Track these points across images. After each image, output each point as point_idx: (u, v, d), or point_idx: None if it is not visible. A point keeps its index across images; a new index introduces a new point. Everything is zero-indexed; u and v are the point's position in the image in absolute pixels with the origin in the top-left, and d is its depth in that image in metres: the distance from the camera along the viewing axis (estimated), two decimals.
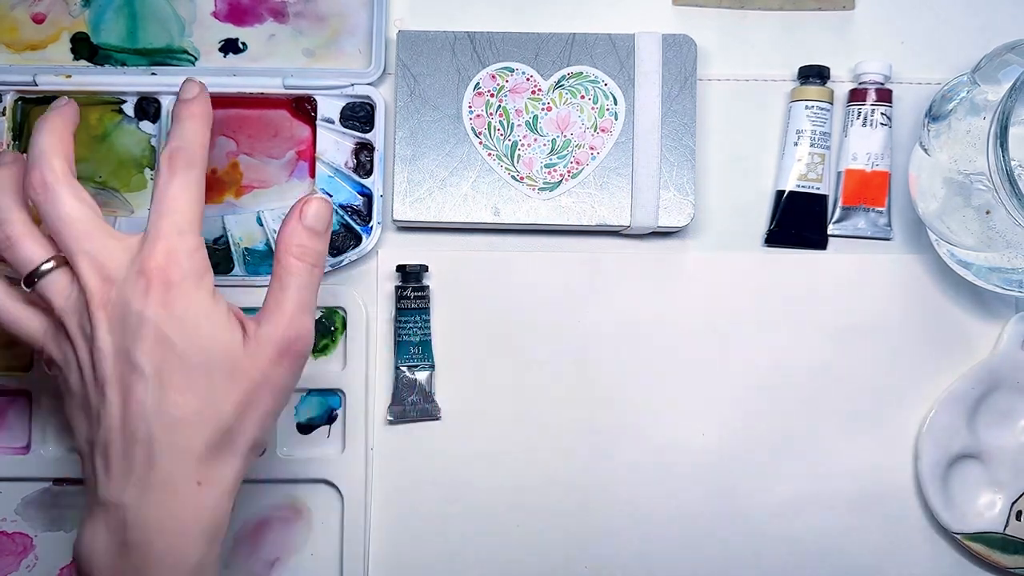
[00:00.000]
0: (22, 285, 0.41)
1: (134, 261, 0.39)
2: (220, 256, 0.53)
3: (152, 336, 0.38)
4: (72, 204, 0.40)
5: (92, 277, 0.39)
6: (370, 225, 0.53)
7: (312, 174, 0.54)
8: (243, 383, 0.39)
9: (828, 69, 0.54)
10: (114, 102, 0.54)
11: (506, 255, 0.55)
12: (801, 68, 0.54)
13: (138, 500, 0.38)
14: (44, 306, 0.42)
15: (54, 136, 0.41)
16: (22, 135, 0.54)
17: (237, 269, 0.53)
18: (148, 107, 0.54)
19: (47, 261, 0.41)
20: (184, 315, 0.39)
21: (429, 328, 0.54)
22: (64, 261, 0.41)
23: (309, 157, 0.54)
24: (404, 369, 0.53)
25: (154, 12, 0.54)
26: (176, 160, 0.41)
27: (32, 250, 0.41)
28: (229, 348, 0.39)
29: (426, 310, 0.53)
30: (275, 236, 0.53)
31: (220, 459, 0.39)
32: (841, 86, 0.55)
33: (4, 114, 0.53)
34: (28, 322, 0.42)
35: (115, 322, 0.39)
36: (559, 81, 0.53)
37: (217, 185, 0.54)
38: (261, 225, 0.53)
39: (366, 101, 0.54)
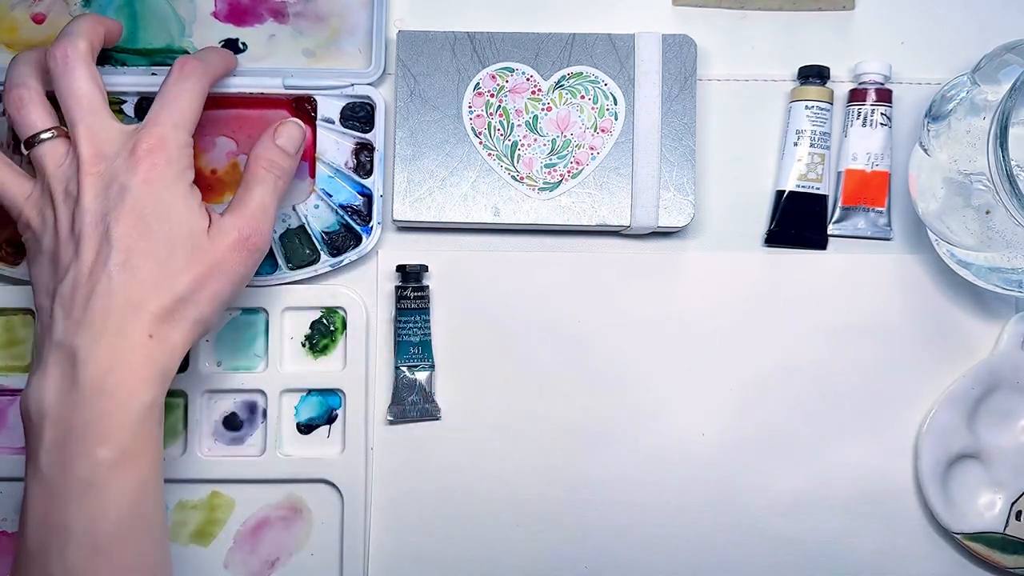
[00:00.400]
0: (22, 146, 0.45)
1: (128, 141, 0.44)
2: None
3: (129, 206, 0.42)
4: (85, 81, 0.44)
5: (87, 148, 0.43)
6: (370, 225, 0.53)
7: (312, 174, 0.54)
8: (201, 262, 0.44)
9: (828, 69, 0.54)
10: (114, 102, 0.54)
11: (506, 255, 0.55)
12: (801, 68, 0.54)
13: (93, 342, 0.41)
14: (33, 171, 0.45)
15: (88, 24, 0.46)
16: None
17: None
18: (148, 107, 0.54)
19: (49, 130, 0.45)
20: (161, 195, 0.43)
21: (429, 328, 0.54)
22: (64, 134, 0.45)
23: (309, 157, 0.54)
24: (404, 369, 0.53)
25: (154, 12, 0.54)
26: (188, 67, 0.46)
27: (39, 116, 0.45)
28: (194, 230, 0.44)
29: (426, 310, 0.53)
30: (275, 236, 0.53)
31: (171, 322, 0.43)
32: (841, 86, 0.55)
33: (4, 114, 0.53)
34: (12, 186, 0.45)
35: (100, 189, 0.43)
36: (559, 81, 0.53)
37: (217, 185, 0.54)
38: None
39: (366, 101, 0.54)
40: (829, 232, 0.55)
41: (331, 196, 0.53)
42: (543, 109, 0.53)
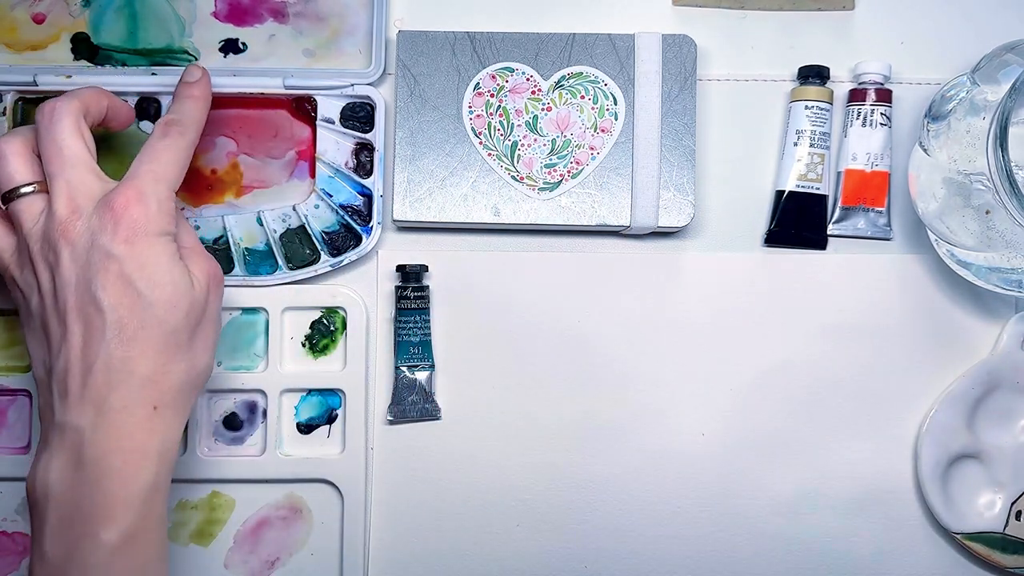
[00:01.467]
0: (0, 200, 0.43)
1: (106, 196, 0.41)
2: (220, 256, 0.53)
3: (114, 272, 0.40)
4: (68, 133, 0.42)
5: (63, 204, 0.41)
6: (370, 225, 0.53)
7: (312, 174, 0.54)
8: (193, 318, 0.42)
9: (828, 69, 0.54)
10: None
11: (506, 255, 0.55)
12: (801, 68, 0.54)
13: (95, 422, 0.40)
14: (14, 227, 0.43)
15: (89, 91, 0.45)
16: None
17: (237, 269, 0.53)
18: (148, 107, 0.54)
19: (29, 184, 0.42)
20: (146, 256, 0.41)
21: (429, 328, 0.54)
22: (45, 189, 0.42)
23: (309, 157, 0.54)
24: (404, 369, 0.53)
25: (154, 12, 0.54)
26: (169, 127, 0.44)
27: (18, 169, 0.42)
28: (180, 286, 0.42)
29: (426, 310, 0.53)
30: (275, 236, 0.53)
31: (174, 388, 0.41)
32: (841, 86, 0.55)
33: (4, 114, 0.53)
34: None
35: (79, 253, 0.40)
36: (559, 81, 0.53)
37: (217, 185, 0.54)
38: (261, 225, 0.53)
39: (366, 101, 0.54)
40: (829, 232, 0.55)
41: (331, 196, 0.53)
42: (543, 109, 0.53)
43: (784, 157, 0.54)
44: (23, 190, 0.42)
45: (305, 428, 0.54)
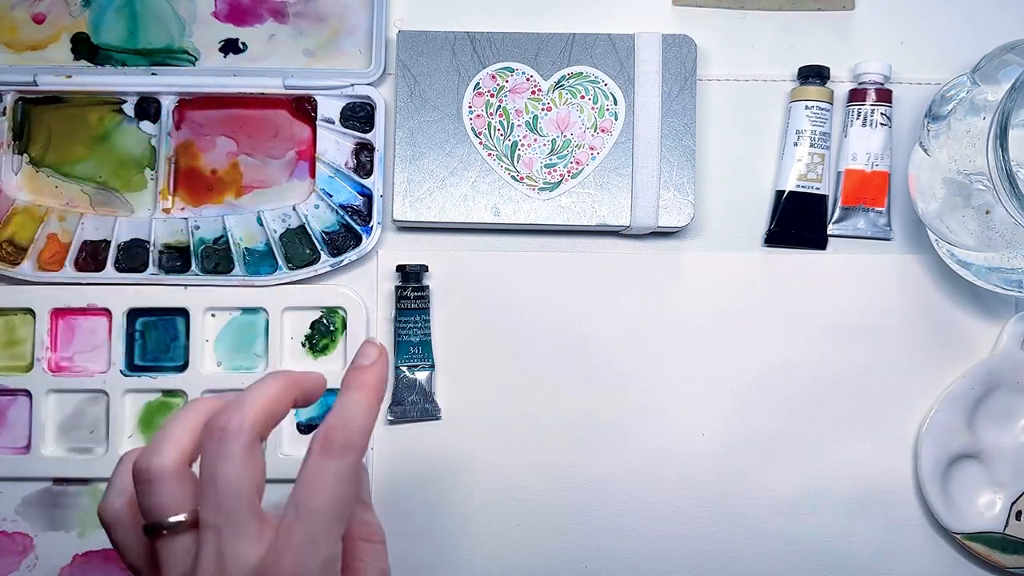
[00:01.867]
0: (143, 529, 0.34)
1: (259, 565, 0.33)
2: (220, 256, 0.53)
3: None
4: (237, 469, 0.34)
5: (210, 562, 0.33)
6: (370, 225, 0.53)
7: (312, 174, 0.54)
8: None
9: (828, 69, 0.54)
10: (114, 102, 0.54)
11: (506, 255, 0.55)
12: (801, 68, 0.54)
13: None
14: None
15: (274, 390, 0.35)
16: (22, 135, 0.54)
17: (237, 269, 0.53)
18: (148, 107, 0.54)
19: (180, 515, 0.34)
20: None
21: (429, 328, 0.54)
22: (196, 520, 0.34)
23: (309, 157, 0.54)
24: (404, 369, 0.53)
25: (154, 12, 0.54)
26: (332, 441, 0.34)
27: (171, 497, 0.34)
28: None
29: (426, 310, 0.53)
30: (275, 236, 0.53)
31: None
32: (841, 86, 0.55)
33: (4, 114, 0.54)
34: (137, 557, 0.35)
35: None
36: (559, 81, 0.53)
37: (217, 185, 0.54)
38: (261, 225, 0.53)
39: (366, 101, 0.54)
40: (829, 232, 0.55)
41: (331, 196, 0.53)
42: (543, 109, 0.53)
43: (784, 157, 0.54)
44: (171, 520, 0.33)
45: (305, 428, 0.54)
